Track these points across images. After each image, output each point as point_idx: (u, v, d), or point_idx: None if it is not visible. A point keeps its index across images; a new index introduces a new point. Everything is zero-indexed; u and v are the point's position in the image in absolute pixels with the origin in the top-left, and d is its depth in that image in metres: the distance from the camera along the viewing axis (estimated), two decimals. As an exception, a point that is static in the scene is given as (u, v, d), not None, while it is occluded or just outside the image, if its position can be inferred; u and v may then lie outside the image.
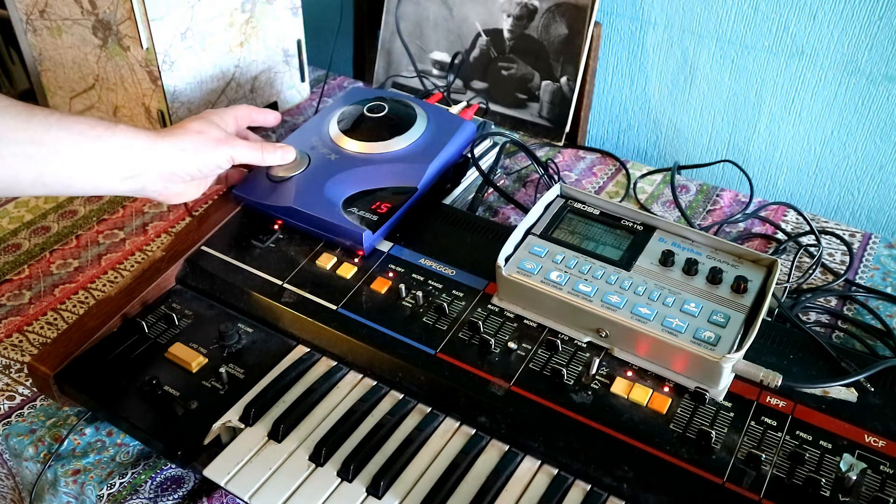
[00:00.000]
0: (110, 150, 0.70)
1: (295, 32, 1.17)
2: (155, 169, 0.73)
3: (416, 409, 0.70)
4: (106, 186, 0.72)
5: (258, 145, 0.81)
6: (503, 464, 0.65)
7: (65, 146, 0.67)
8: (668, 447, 0.63)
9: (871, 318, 0.83)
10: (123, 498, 0.68)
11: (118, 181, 0.72)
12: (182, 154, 0.74)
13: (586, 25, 1.07)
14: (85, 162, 0.69)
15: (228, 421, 0.69)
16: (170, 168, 0.74)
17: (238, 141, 0.79)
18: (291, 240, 0.82)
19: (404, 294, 0.75)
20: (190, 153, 0.75)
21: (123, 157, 0.71)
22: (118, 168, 0.71)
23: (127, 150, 0.71)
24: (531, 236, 0.76)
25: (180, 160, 0.74)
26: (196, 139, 0.76)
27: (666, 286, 0.70)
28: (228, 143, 0.78)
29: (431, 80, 1.21)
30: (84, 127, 0.69)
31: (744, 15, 1.04)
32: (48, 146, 0.67)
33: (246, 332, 0.77)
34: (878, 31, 0.97)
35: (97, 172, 0.70)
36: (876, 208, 1.08)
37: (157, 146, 0.73)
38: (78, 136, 0.68)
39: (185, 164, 0.75)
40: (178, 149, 0.74)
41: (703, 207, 1.01)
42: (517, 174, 1.06)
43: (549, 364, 0.69)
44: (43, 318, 0.87)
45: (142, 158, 0.72)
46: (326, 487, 0.64)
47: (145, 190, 0.75)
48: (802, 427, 0.64)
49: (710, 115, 1.14)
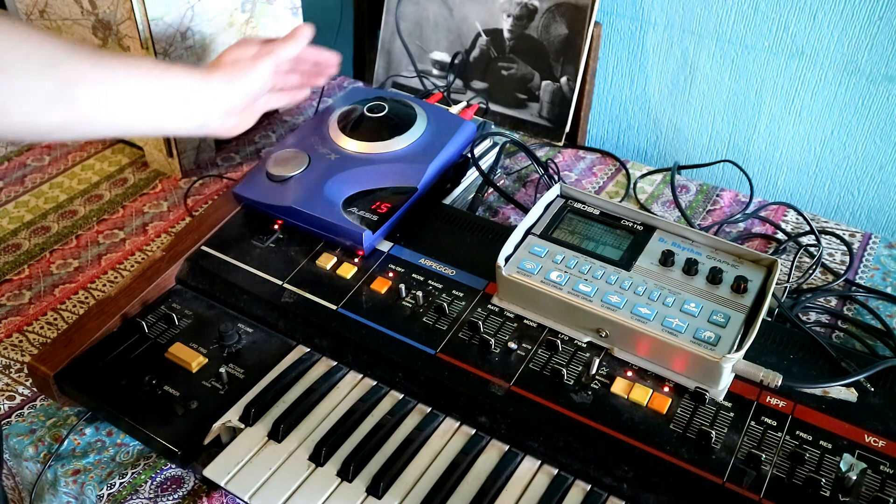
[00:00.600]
0: (168, 91, 0.73)
1: (295, 32, 1.17)
2: (212, 105, 0.77)
3: (416, 409, 0.70)
4: (169, 126, 0.75)
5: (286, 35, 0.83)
6: (503, 464, 0.65)
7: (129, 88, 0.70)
8: (668, 447, 0.63)
9: (871, 318, 0.83)
10: (123, 498, 0.68)
11: (181, 121, 0.75)
12: (230, 87, 0.78)
13: (586, 25, 1.07)
14: (151, 104, 0.72)
15: (228, 421, 0.69)
16: (225, 102, 0.77)
17: (271, 45, 0.82)
18: (291, 240, 0.82)
19: (404, 294, 0.75)
20: (236, 84, 0.78)
21: (180, 97, 0.74)
22: (180, 108, 0.74)
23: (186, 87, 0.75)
24: (531, 236, 0.76)
25: (230, 92, 0.78)
26: (235, 68, 0.78)
27: (666, 286, 0.70)
28: (263, 54, 0.80)
29: (431, 80, 1.21)
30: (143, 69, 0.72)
31: (744, 15, 1.04)
32: (115, 87, 0.69)
33: (246, 332, 0.77)
34: (878, 31, 0.97)
35: (161, 113, 0.73)
36: (876, 208, 1.08)
37: (208, 84, 0.76)
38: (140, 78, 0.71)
39: (236, 94, 0.78)
40: (225, 83, 0.77)
41: (703, 207, 1.01)
42: (517, 174, 1.06)
43: (549, 364, 0.69)
44: (43, 318, 0.87)
45: (200, 97, 0.75)
46: (326, 487, 0.64)
47: (207, 126, 0.78)
48: (802, 427, 0.64)
49: (710, 115, 1.14)
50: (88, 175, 1.09)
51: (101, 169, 1.10)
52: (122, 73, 0.70)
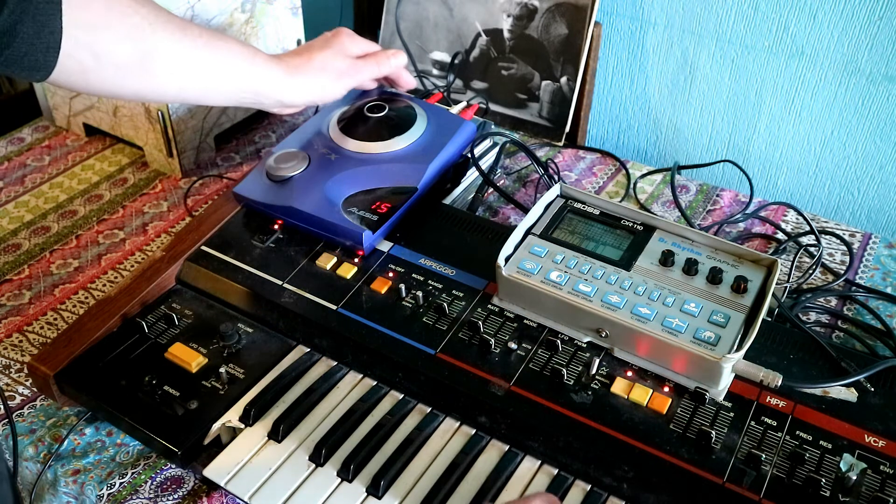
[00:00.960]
0: (247, 76, 0.77)
1: (295, 32, 1.17)
2: (279, 99, 0.80)
3: (416, 409, 0.70)
4: (233, 101, 0.79)
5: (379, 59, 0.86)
6: (503, 464, 0.65)
7: (209, 68, 0.74)
8: (668, 447, 0.63)
9: (871, 318, 0.83)
10: (123, 498, 0.68)
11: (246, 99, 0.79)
12: (304, 91, 0.81)
13: (586, 25, 1.07)
14: (222, 84, 0.76)
15: (228, 421, 0.69)
16: (293, 100, 0.82)
17: (360, 67, 0.84)
18: (291, 240, 0.82)
19: (404, 294, 0.75)
20: (311, 91, 0.82)
21: (257, 84, 0.78)
22: (250, 92, 0.78)
23: (262, 79, 0.78)
24: (531, 236, 0.76)
25: (302, 95, 0.82)
26: (319, 77, 0.82)
27: (666, 286, 0.70)
28: (349, 74, 0.84)
29: (431, 80, 1.21)
30: (227, 54, 0.75)
31: (744, 15, 1.04)
32: (195, 66, 0.72)
33: (246, 332, 0.77)
34: (878, 31, 0.97)
35: (231, 93, 0.78)
36: (876, 208, 1.08)
37: (289, 83, 0.79)
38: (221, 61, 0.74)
39: (306, 98, 0.82)
40: (302, 87, 0.80)
41: (703, 207, 1.01)
42: (517, 174, 1.06)
43: (549, 364, 0.69)
44: (43, 318, 0.87)
45: (272, 88, 0.79)
46: (326, 487, 0.64)
47: (265, 106, 0.82)
48: (802, 427, 0.64)
49: (710, 115, 1.14)
50: (88, 175, 1.09)
51: (101, 169, 1.10)
52: (206, 53, 0.73)
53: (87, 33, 0.63)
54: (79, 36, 0.63)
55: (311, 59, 0.81)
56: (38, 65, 0.61)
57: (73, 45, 0.62)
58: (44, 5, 0.59)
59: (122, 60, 0.67)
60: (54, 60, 0.62)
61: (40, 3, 0.59)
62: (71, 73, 0.64)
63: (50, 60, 0.62)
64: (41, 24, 0.59)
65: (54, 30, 0.60)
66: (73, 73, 0.65)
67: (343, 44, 0.84)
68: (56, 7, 0.60)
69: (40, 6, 0.59)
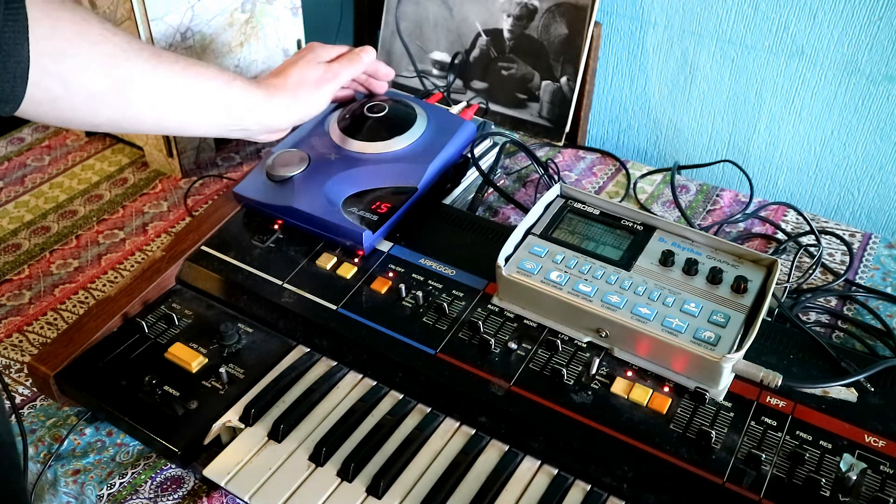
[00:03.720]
0: (226, 102, 0.75)
1: (295, 32, 1.17)
2: (264, 123, 0.80)
3: (416, 409, 0.70)
4: (216, 132, 0.78)
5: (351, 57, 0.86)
6: (503, 464, 0.65)
7: (187, 95, 0.72)
8: (668, 447, 0.63)
9: (871, 318, 0.83)
10: (123, 498, 0.68)
11: (230, 126, 0.78)
12: (288, 112, 0.81)
13: (586, 25, 1.07)
14: (202, 112, 0.74)
15: (228, 421, 0.69)
16: (278, 123, 0.81)
17: (335, 70, 0.84)
18: (291, 240, 0.82)
19: (404, 294, 0.75)
20: (295, 109, 0.81)
21: (237, 110, 0.76)
22: (232, 118, 0.77)
23: (241, 104, 0.77)
24: (531, 236, 0.76)
25: (287, 116, 0.81)
26: (298, 92, 0.81)
27: (666, 286, 0.70)
28: (327, 79, 0.83)
29: (431, 80, 1.21)
30: (204, 81, 0.73)
31: (744, 15, 1.04)
32: (172, 94, 0.71)
33: (246, 332, 0.77)
34: (878, 31, 0.97)
35: (212, 120, 0.76)
36: (876, 208, 1.08)
37: (270, 104, 0.78)
38: (199, 88, 0.73)
39: (292, 118, 0.82)
40: (284, 107, 0.80)
41: (703, 207, 1.01)
42: (517, 174, 1.06)
43: (549, 364, 0.69)
44: (43, 318, 0.87)
45: (254, 112, 0.78)
46: (326, 487, 0.64)
47: (251, 133, 0.81)
48: (802, 427, 0.64)
49: (710, 115, 1.14)
50: (88, 175, 1.09)
51: (101, 169, 1.10)
52: (181, 81, 0.71)
53: (55, 62, 0.61)
54: (46, 64, 0.60)
55: (287, 77, 0.81)
56: (4, 96, 0.58)
57: (42, 74, 0.60)
58: (9, 34, 0.56)
59: (95, 89, 0.65)
60: (22, 91, 0.59)
61: (4, 32, 0.56)
62: (41, 103, 0.62)
63: (17, 91, 0.59)
64: (6, 54, 0.57)
65: (21, 59, 0.58)
66: (43, 103, 0.62)
67: (315, 53, 0.84)
68: (22, 36, 0.57)
69: (4, 35, 0.56)
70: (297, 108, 0.81)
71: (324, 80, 0.83)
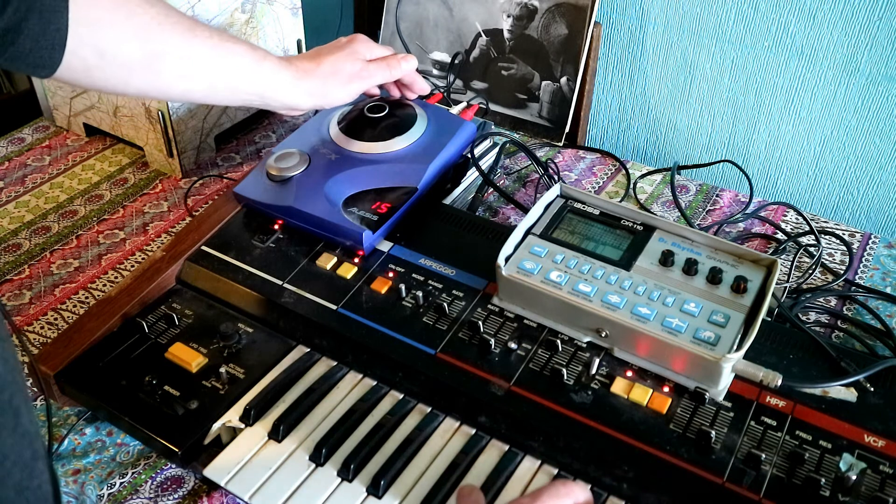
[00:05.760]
0: (254, 80, 0.76)
1: (295, 32, 1.17)
2: (286, 103, 0.81)
3: (416, 409, 0.70)
4: (239, 101, 0.80)
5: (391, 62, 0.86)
6: (503, 464, 0.65)
7: (217, 70, 0.73)
8: (668, 447, 0.63)
9: (871, 318, 0.83)
10: (123, 498, 0.68)
11: (252, 101, 0.79)
12: (311, 97, 0.81)
13: (586, 25, 1.08)
14: (229, 86, 0.76)
15: (228, 421, 0.69)
16: (299, 105, 0.82)
17: (371, 71, 0.84)
18: (291, 240, 0.82)
19: (404, 294, 0.75)
20: (319, 96, 0.81)
21: (263, 87, 0.77)
22: (256, 94, 0.78)
23: (269, 82, 0.77)
24: (531, 236, 0.76)
25: (310, 101, 0.81)
26: (328, 81, 0.81)
27: (666, 286, 0.70)
28: (360, 77, 0.83)
29: (431, 81, 1.21)
30: (235, 57, 0.74)
31: (744, 15, 1.04)
32: (202, 68, 0.72)
33: (246, 332, 0.77)
34: (878, 31, 0.97)
35: (237, 94, 0.77)
36: (876, 208, 1.08)
37: (297, 87, 0.79)
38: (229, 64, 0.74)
39: (315, 103, 0.82)
40: (309, 93, 0.80)
41: (702, 207, 1.01)
42: (517, 174, 1.06)
43: (549, 364, 0.69)
44: (43, 318, 0.87)
45: (280, 92, 0.79)
46: (326, 487, 0.64)
47: (271, 107, 0.82)
48: (802, 427, 0.64)
49: (709, 115, 1.14)
50: (89, 175, 1.09)
51: (101, 169, 1.10)
52: (214, 55, 0.72)
53: (92, 31, 0.63)
54: (84, 34, 0.62)
55: (320, 64, 0.81)
56: (42, 62, 0.61)
57: (78, 43, 0.62)
58: (50, 2, 0.59)
59: (128, 59, 0.67)
60: (59, 58, 0.62)
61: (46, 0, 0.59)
62: (75, 71, 0.64)
63: (55, 58, 0.61)
64: (47, 21, 0.59)
65: (60, 27, 0.60)
66: (78, 71, 0.64)
67: (356, 48, 0.83)
68: (62, 4, 0.60)
69: (46, 3, 0.59)
70: (321, 96, 0.81)
71: (357, 77, 0.83)
